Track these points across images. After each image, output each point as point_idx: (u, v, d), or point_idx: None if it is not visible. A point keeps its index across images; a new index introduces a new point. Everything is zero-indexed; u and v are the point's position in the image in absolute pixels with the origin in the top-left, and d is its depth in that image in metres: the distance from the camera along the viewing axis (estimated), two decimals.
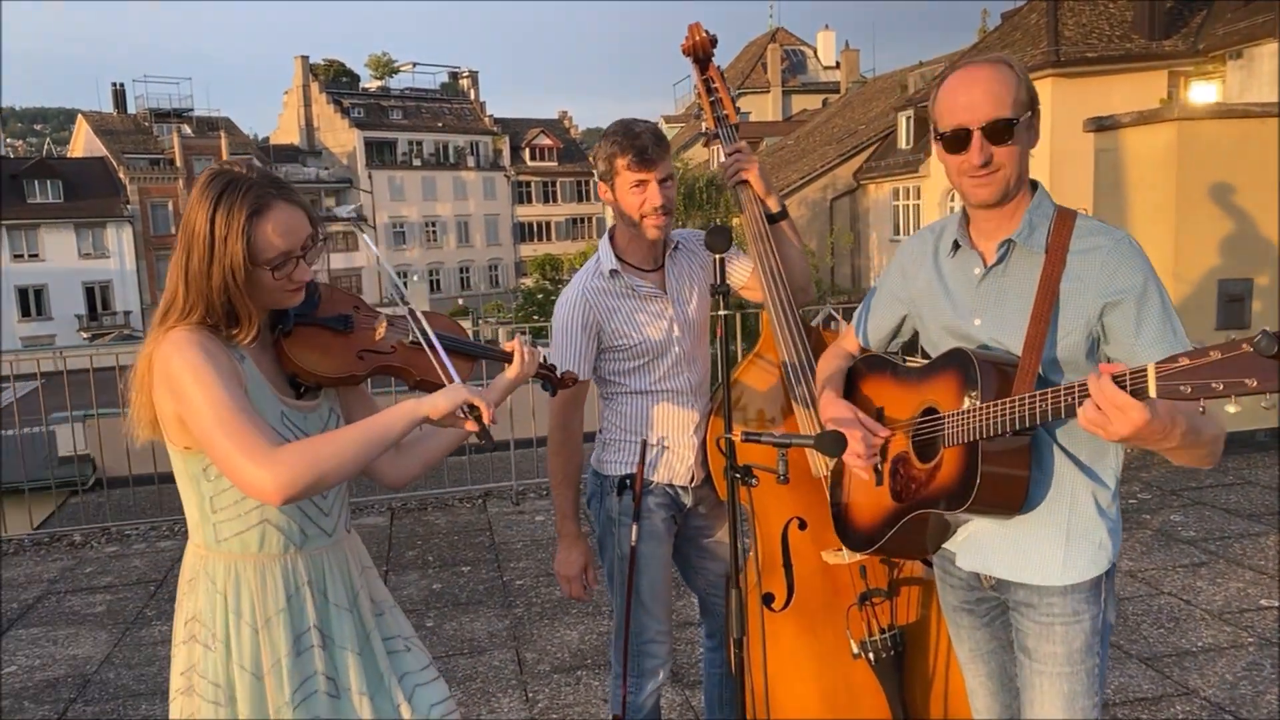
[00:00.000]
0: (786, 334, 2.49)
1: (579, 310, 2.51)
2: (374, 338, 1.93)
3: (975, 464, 1.77)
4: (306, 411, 1.87)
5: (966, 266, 1.95)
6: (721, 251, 2.02)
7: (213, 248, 1.72)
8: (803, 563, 2.49)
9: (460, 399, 1.74)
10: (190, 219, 1.74)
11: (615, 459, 2.59)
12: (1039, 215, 1.87)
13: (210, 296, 1.73)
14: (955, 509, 1.82)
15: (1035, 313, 1.82)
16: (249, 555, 1.82)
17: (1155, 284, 1.79)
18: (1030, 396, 1.67)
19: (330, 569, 1.90)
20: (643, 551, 2.52)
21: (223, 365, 1.71)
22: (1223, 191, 6.22)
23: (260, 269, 1.75)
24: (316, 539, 1.89)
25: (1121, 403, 1.47)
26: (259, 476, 1.62)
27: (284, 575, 1.84)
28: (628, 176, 2.44)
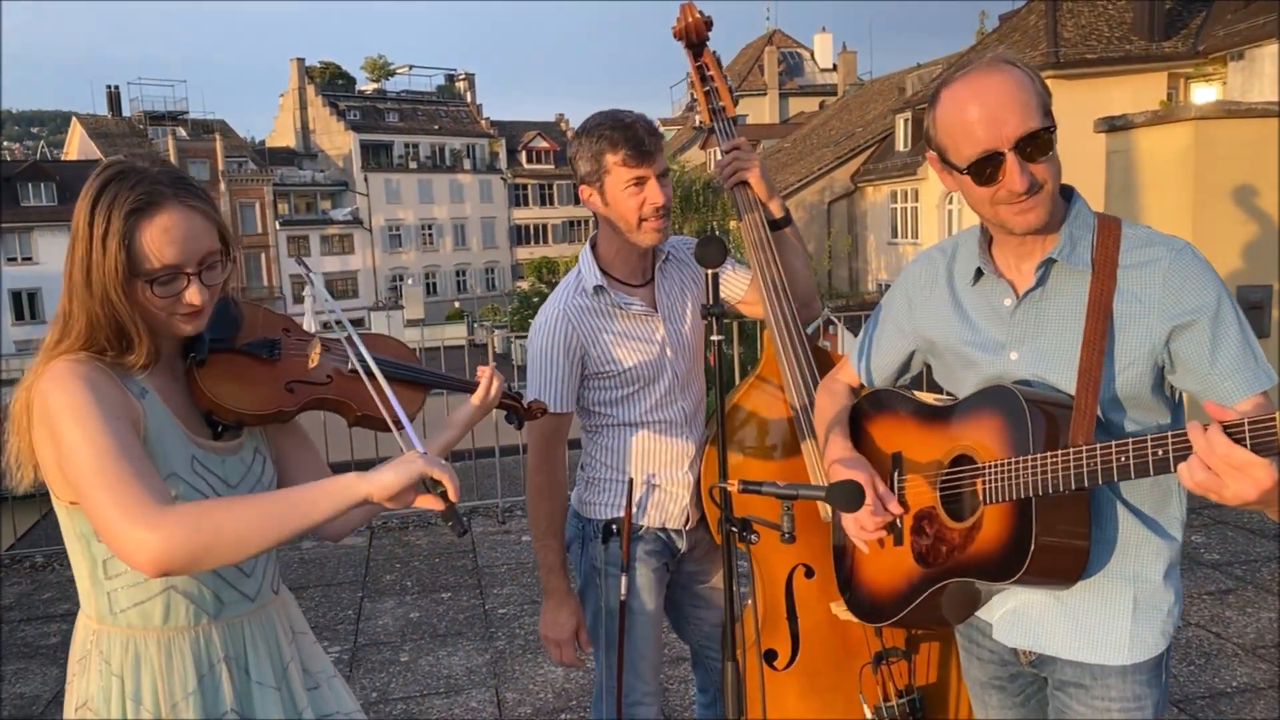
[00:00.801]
0: (791, 355, 2.19)
1: (560, 333, 2.18)
2: (306, 366, 1.65)
3: (1028, 527, 1.48)
4: (225, 454, 1.58)
5: (993, 298, 1.66)
6: (715, 265, 1.72)
7: (90, 250, 1.42)
8: (809, 616, 2.20)
9: (414, 473, 1.38)
10: (74, 215, 1.44)
11: (600, 500, 2.29)
12: (1079, 227, 1.59)
13: (91, 310, 1.44)
14: (1001, 580, 1.53)
15: (1087, 340, 1.53)
16: (151, 629, 1.53)
17: (1229, 301, 1.51)
18: (1104, 447, 1.38)
19: (253, 640, 1.62)
20: (633, 606, 2.23)
21: (111, 403, 1.42)
22: (1241, 194, 5.95)
23: (139, 282, 1.44)
24: (235, 605, 1.60)
25: (1242, 461, 1.19)
26: (135, 540, 1.31)
27: (195, 652, 1.55)
28: (622, 174, 2.11)
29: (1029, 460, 1.48)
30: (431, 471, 1.39)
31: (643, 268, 2.27)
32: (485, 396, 1.78)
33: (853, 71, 47.14)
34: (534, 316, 2.33)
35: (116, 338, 1.47)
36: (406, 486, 1.38)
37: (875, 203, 29.14)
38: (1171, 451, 1.29)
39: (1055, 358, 1.58)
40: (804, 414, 2.17)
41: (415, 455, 1.40)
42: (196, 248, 1.48)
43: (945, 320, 1.73)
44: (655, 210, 2.12)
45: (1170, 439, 1.30)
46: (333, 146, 55.83)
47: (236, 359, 1.60)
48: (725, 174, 2.28)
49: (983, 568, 1.57)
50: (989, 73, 1.54)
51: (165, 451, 1.49)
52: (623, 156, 2.09)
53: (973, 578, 1.60)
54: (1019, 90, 1.51)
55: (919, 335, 1.80)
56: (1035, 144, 1.50)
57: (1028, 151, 1.50)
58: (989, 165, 1.52)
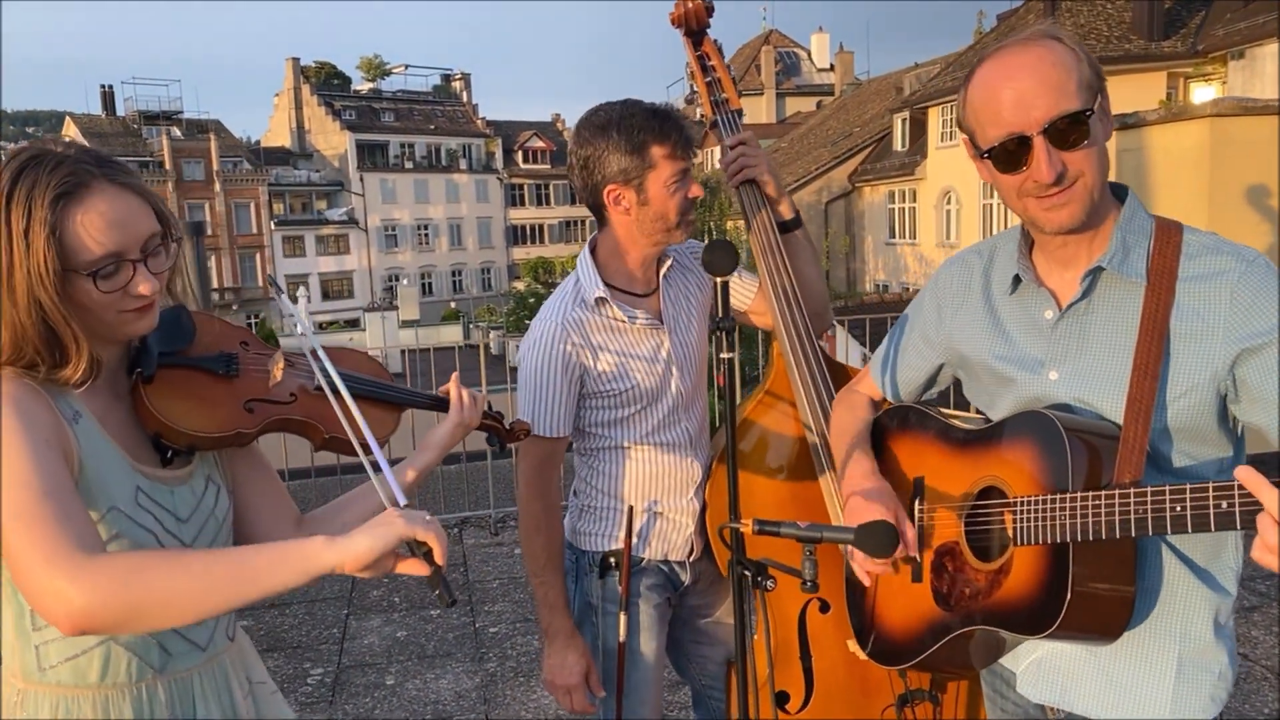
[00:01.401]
0: (805, 372, 2.01)
1: (558, 349, 1.96)
2: (267, 383, 1.47)
3: (1064, 575, 1.30)
4: (174, 485, 1.39)
5: (1033, 309, 1.48)
6: (725, 274, 1.52)
7: (11, 249, 1.23)
8: (824, 654, 2.02)
9: (394, 538, 1.19)
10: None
11: (595, 530, 2.09)
12: (1134, 231, 1.41)
13: (15, 319, 1.24)
14: (1032, 634, 1.35)
15: (1139, 363, 1.34)
16: (86, 687, 1.34)
17: None
18: (1157, 494, 1.19)
19: (203, 694, 1.43)
20: (633, 647, 2.04)
21: (40, 429, 1.23)
22: (1258, 193, 5.78)
23: (78, 277, 1.26)
24: (184, 657, 1.41)
25: None
26: (54, 591, 1.13)
27: (137, 712, 1.35)
28: (667, 169, 1.89)
29: (1068, 499, 1.30)
30: (414, 533, 1.20)
31: (647, 276, 2.07)
32: (461, 413, 1.60)
33: (850, 71, 47.02)
34: (530, 318, 2.12)
35: (48, 349, 1.27)
36: (385, 554, 1.19)
37: (873, 203, 29.01)
38: (1239, 507, 1.11)
39: (1101, 380, 1.40)
40: (821, 440, 1.98)
41: (394, 515, 1.21)
42: (136, 231, 1.30)
43: (978, 332, 1.55)
44: (692, 205, 1.93)
45: (1238, 492, 1.11)
46: (328, 146, 55.62)
47: (189, 375, 1.42)
48: (731, 171, 2.09)
49: (1010, 618, 1.39)
50: (1026, 48, 1.36)
51: (104, 483, 1.30)
52: (672, 149, 1.88)
53: (1000, 628, 1.42)
54: (1055, 68, 1.34)
55: (949, 348, 1.63)
56: (1069, 129, 1.32)
57: (1059, 137, 1.33)
58: (1015, 150, 1.35)
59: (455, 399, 1.60)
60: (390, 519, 1.21)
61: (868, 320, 6.94)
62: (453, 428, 1.61)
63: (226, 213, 49.11)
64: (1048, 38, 1.37)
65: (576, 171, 1.97)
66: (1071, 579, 1.29)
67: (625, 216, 1.96)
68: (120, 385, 1.40)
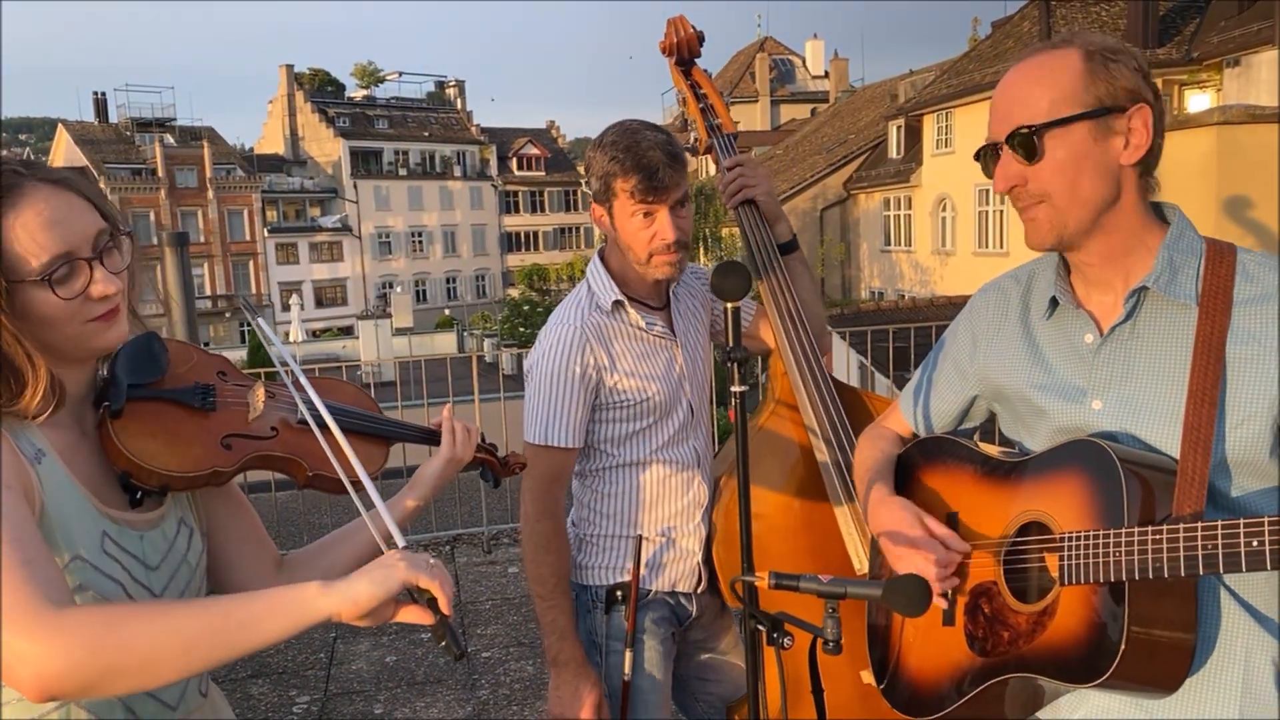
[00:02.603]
0: (812, 389, 1.92)
1: (577, 355, 1.86)
2: (246, 417, 1.34)
3: (1119, 617, 1.19)
4: (144, 529, 1.27)
5: (1072, 333, 1.39)
6: (736, 299, 1.40)
7: None
8: (837, 688, 1.91)
9: (395, 585, 1.09)
10: None
11: (598, 562, 1.98)
12: (1182, 252, 1.31)
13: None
14: (1083, 683, 1.23)
15: (1194, 391, 1.24)
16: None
17: None
18: (1229, 527, 1.10)
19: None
20: (640, 685, 1.92)
21: (12, 469, 1.12)
22: (1265, 201, 5.68)
23: (31, 287, 1.15)
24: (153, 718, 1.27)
25: None
26: (17, 653, 1.02)
27: None
28: (629, 205, 1.83)
29: (1124, 534, 1.20)
30: (417, 579, 1.09)
31: (659, 289, 1.99)
32: (454, 449, 1.49)
33: (845, 78, 47.04)
34: (524, 325, 2.01)
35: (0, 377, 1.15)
36: (384, 599, 1.08)
37: (868, 210, 28.99)
38: None
39: (1150, 410, 1.30)
40: (833, 459, 1.87)
41: (394, 558, 1.11)
42: (82, 228, 1.19)
43: (1015, 361, 1.45)
44: (667, 246, 1.83)
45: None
46: (322, 153, 55.50)
47: (161, 408, 1.30)
48: (730, 192, 2.02)
49: (1058, 664, 1.28)
50: (1028, 56, 1.33)
51: (68, 529, 1.18)
52: (634, 188, 1.81)
53: (1044, 675, 1.30)
54: (1032, 81, 1.30)
55: (983, 378, 1.53)
56: (1030, 142, 1.28)
57: (1024, 150, 1.29)
58: (990, 159, 1.34)
59: (448, 432, 1.49)
60: (391, 562, 1.10)
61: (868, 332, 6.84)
62: (444, 464, 1.50)
63: (220, 220, 48.98)
64: (1059, 45, 1.30)
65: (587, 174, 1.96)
66: (1128, 620, 1.19)
67: (612, 235, 1.92)
68: (86, 419, 1.28)
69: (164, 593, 1.28)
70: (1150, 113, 1.28)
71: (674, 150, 1.85)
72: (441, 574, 1.12)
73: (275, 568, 1.48)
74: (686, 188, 1.88)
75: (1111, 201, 1.30)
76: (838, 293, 29.18)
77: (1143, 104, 1.27)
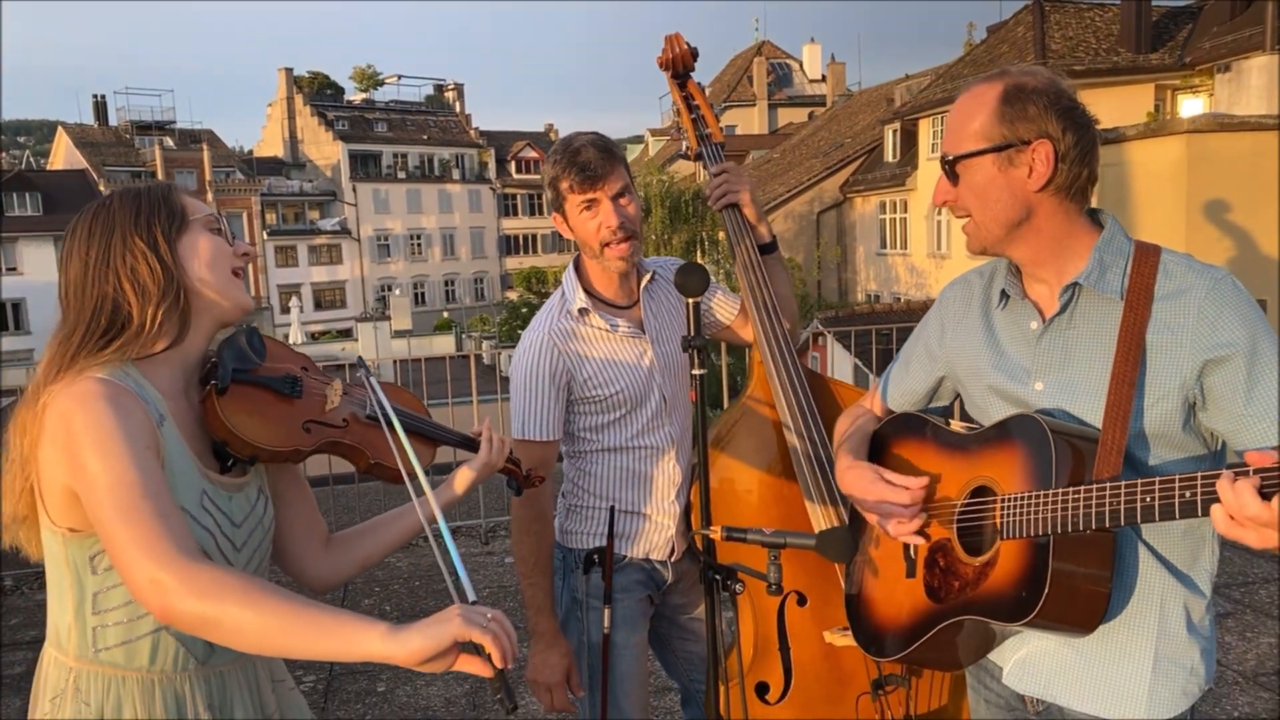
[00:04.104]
0: (785, 380, 2.11)
1: (546, 358, 2.09)
2: (324, 407, 1.57)
3: (1044, 566, 1.39)
4: (232, 491, 1.49)
5: (1020, 321, 1.58)
6: (696, 295, 1.63)
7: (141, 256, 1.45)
8: (802, 645, 2.11)
9: (449, 639, 1.19)
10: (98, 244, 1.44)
11: (582, 529, 2.20)
12: (1112, 252, 1.51)
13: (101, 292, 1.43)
14: (1013, 621, 1.43)
15: (1117, 374, 1.44)
16: (135, 671, 1.43)
17: (1267, 335, 1.41)
18: (1130, 485, 1.29)
19: (238, 690, 1.53)
20: (617, 640, 2.12)
21: (137, 429, 1.33)
22: (1235, 207, 5.90)
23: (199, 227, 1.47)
24: (223, 654, 1.50)
25: (1270, 519, 1.11)
26: (158, 581, 1.23)
27: (178, 699, 1.45)
28: (574, 200, 2.06)
29: (1050, 495, 1.39)
30: (471, 634, 1.20)
31: (628, 288, 2.19)
32: (489, 455, 1.71)
33: (841, 82, 47.29)
34: (523, 328, 2.23)
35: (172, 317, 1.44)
36: (438, 650, 1.21)
37: (864, 213, 29.19)
38: (1200, 496, 1.21)
39: (1082, 390, 1.50)
40: (799, 440, 2.08)
41: (453, 614, 1.21)
42: None
43: (976, 345, 1.66)
44: (612, 231, 2.05)
45: (1200, 482, 1.21)
46: (321, 156, 55.69)
47: (257, 392, 1.52)
48: (715, 196, 2.23)
49: (995, 606, 1.48)
50: (968, 85, 1.55)
51: (176, 484, 1.39)
52: (572, 182, 2.04)
53: (984, 616, 1.51)
54: (963, 111, 1.52)
55: (949, 361, 1.73)
56: (953, 168, 1.51)
57: (949, 173, 1.52)
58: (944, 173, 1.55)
59: (486, 441, 1.70)
60: (449, 617, 1.21)
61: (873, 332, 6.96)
62: (480, 467, 1.71)
63: None
64: (990, 80, 1.50)
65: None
66: (1051, 570, 1.38)
67: (571, 236, 2.13)
68: (192, 393, 1.50)
69: (243, 547, 1.50)
70: (1051, 147, 1.46)
71: (605, 145, 2.07)
72: (497, 629, 1.22)
73: (323, 543, 1.69)
74: (627, 181, 2.08)
75: (1022, 220, 1.50)
76: (834, 295, 29.36)
77: (1045, 139, 1.46)
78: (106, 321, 1.40)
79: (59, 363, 1.39)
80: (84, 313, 1.41)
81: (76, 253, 1.43)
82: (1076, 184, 1.50)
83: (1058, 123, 1.46)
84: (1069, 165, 1.48)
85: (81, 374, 1.36)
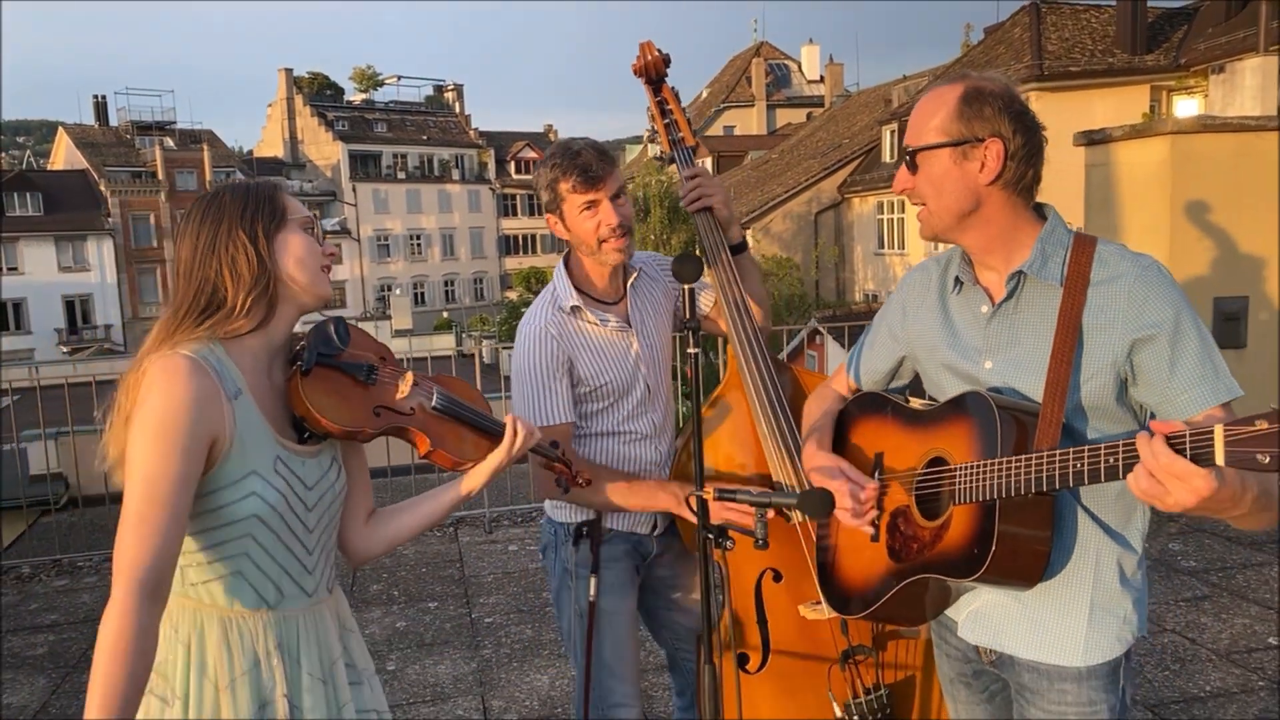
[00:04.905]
0: (754, 369, 2.26)
1: (547, 346, 2.23)
2: (394, 395, 1.74)
3: (990, 527, 1.54)
4: (306, 458, 1.67)
5: (973, 305, 1.74)
6: (692, 281, 1.79)
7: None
8: (779, 619, 2.26)
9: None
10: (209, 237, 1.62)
11: (570, 504, 2.35)
12: (1052, 243, 1.65)
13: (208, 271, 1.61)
14: (964, 577, 1.59)
15: (1055, 353, 1.59)
16: (215, 608, 1.61)
17: (1190, 316, 1.57)
18: (1062, 453, 1.44)
19: (305, 633, 1.70)
20: (604, 606, 2.28)
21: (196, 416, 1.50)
22: (1218, 207, 6.05)
23: (295, 226, 1.65)
24: (294, 600, 1.68)
25: (1182, 471, 1.25)
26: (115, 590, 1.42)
27: (251, 636, 1.63)
28: (575, 200, 2.20)
29: (996, 464, 1.54)
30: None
31: (615, 285, 2.34)
32: (511, 448, 1.81)
33: (839, 83, 47.44)
34: None
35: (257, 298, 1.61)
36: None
37: (862, 214, 29.32)
38: (1122, 460, 1.35)
39: (1026, 368, 1.65)
40: (768, 422, 2.23)
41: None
42: None
43: (933, 327, 1.80)
44: (612, 230, 2.20)
45: (1121, 448, 1.35)
46: (321, 157, 55.81)
47: (337, 375, 1.69)
48: (689, 200, 2.37)
49: (948, 564, 1.63)
50: (932, 86, 1.71)
51: (251, 449, 1.57)
52: (574, 184, 2.18)
53: (940, 574, 1.66)
54: (927, 105, 1.67)
55: (909, 341, 1.87)
56: (912, 160, 1.67)
57: (909, 163, 1.68)
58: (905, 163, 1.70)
59: (510, 430, 1.81)
60: None
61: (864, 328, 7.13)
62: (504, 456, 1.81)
63: None
64: (952, 81, 1.66)
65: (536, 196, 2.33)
66: (997, 531, 1.54)
67: (566, 236, 2.27)
68: (275, 370, 1.68)
69: (314, 507, 1.67)
70: (1002, 145, 1.61)
71: (601, 149, 2.23)
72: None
73: (368, 515, 1.86)
74: (621, 182, 2.24)
75: (972, 210, 1.65)
76: (831, 295, 29.50)
77: (997, 138, 1.61)
78: (205, 302, 1.58)
79: (162, 335, 1.57)
80: (188, 293, 1.59)
81: (188, 238, 1.61)
82: (1023, 181, 1.65)
83: (1009, 124, 1.61)
84: (1017, 163, 1.63)
85: (175, 348, 1.53)
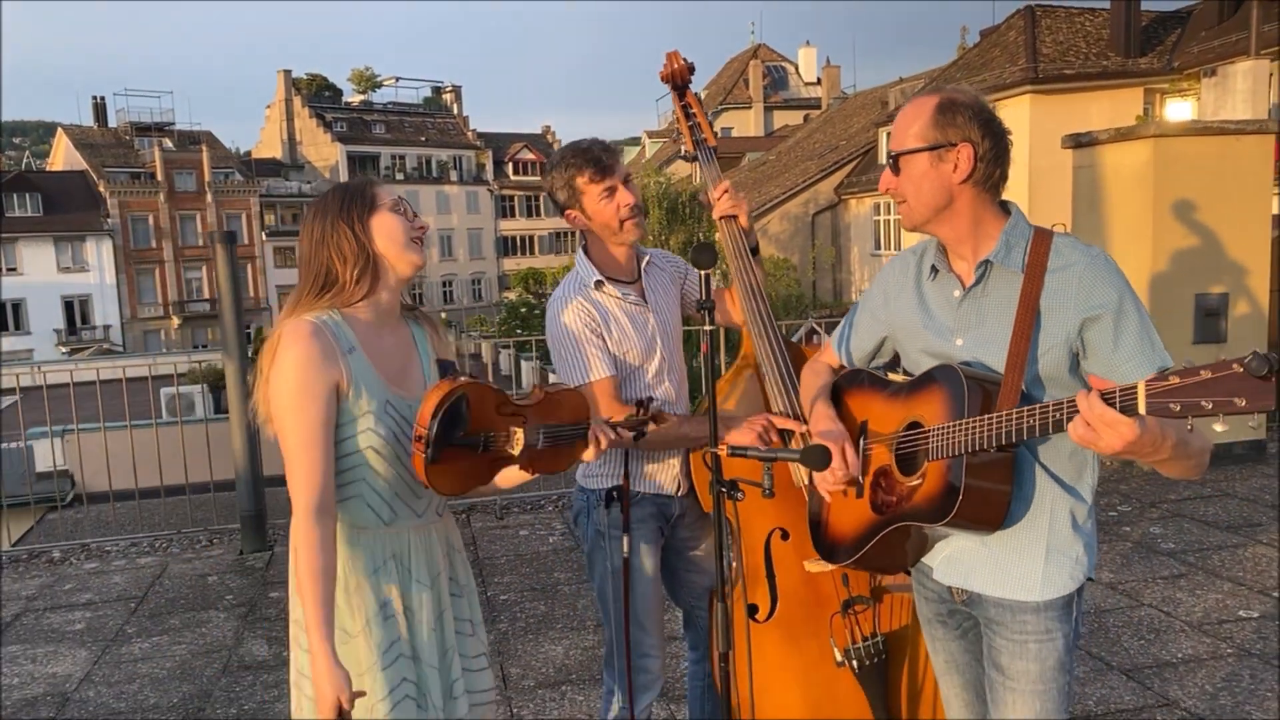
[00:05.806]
0: (767, 346, 2.52)
1: (583, 313, 2.50)
2: (508, 449, 1.98)
3: (959, 478, 1.79)
4: (411, 400, 1.97)
5: (946, 289, 1.98)
6: (708, 268, 2.05)
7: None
8: (786, 573, 2.50)
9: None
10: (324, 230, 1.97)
11: (600, 471, 2.59)
12: (1015, 235, 1.90)
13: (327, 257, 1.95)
14: (936, 522, 1.84)
15: (1016, 330, 1.84)
16: (342, 522, 1.92)
17: (1131, 298, 1.82)
18: (1017, 412, 1.69)
19: (415, 547, 2.01)
20: (635, 564, 2.52)
21: (318, 371, 1.84)
22: (1199, 207, 6.30)
23: (388, 210, 1.96)
24: (405, 519, 2.00)
25: (1111, 419, 1.50)
26: (295, 517, 1.82)
27: (370, 546, 1.96)
28: (594, 189, 2.48)
29: (964, 423, 1.79)
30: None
31: (630, 268, 2.61)
32: (596, 454, 2.10)
33: (836, 85, 47.76)
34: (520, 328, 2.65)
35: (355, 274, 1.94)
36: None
37: (859, 215, 29.57)
38: (1066, 414, 1.60)
39: (991, 344, 1.89)
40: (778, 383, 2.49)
41: None
42: None
43: (911, 310, 2.05)
44: (630, 209, 2.49)
45: (1066, 404, 1.61)
46: (319, 158, 56.05)
47: (457, 453, 1.90)
48: (720, 209, 2.62)
49: (924, 512, 1.88)
50: (913, 97, 1.95)
51: (362, 394, 1.90)
52: (591, 175, 2.47)
53: (917, 521, 1.91)
54: (908, 114, 1.91)
55: (890, 323, 2.12)
56: (895, 162, 1.92)
57: (893, 165, 1.92)
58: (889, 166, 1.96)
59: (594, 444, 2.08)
60: None
61: None
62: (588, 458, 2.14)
63: (218, 224, 49.38)
64: (930, 94, 1.90)
65: (551, 198, 2.62)
66: (965, 482, 1.79)
67: (588, 225, 2.54)
68: (390, 328, 2.02)
69: None
70: (972, 149, 1.86)
71: (605, 143, 2.53)
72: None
73: None
74: (627, 170, 2.52)
75: (946, 205, 1.90)
76: (829, 295, 29.74)
77: (968, 143, 1.86)
78: (322, 281, 1.94)
79: (291, 308, 1.94)
80: (309, 276, 1.95)
81: (306, 232, 1.96)
82: (991, 179, 1.90)
83: (979, 130, 1.86)
84: (985, 164, 1.87)
85: (301, 317, 1.89)
